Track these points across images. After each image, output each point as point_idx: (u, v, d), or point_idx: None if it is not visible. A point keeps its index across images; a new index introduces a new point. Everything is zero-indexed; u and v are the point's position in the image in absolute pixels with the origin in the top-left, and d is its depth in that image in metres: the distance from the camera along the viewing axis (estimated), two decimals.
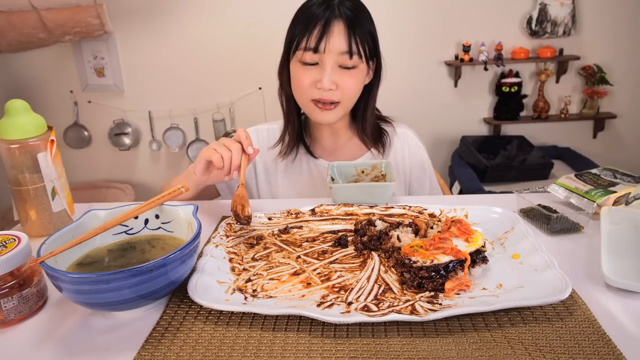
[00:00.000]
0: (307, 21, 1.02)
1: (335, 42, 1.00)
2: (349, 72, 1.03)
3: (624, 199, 0.85)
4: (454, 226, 0.69)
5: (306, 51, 1.01)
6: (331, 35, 0.99)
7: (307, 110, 1.10)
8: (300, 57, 1.03)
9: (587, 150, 2.72)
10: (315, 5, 1.03)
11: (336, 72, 1.02)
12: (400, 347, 0.54)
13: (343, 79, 1.03)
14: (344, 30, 1.00)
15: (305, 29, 1.01)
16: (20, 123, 0.80)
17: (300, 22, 1.04)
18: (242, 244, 0.78)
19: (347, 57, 1.01)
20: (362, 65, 1.04)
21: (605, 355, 0.52)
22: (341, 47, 1.00)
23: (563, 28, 2.56)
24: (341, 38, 1.00)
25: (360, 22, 1.02)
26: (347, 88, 1.04)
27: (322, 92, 1.03)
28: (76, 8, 2.17)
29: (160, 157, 2.86)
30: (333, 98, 1.04)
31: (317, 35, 1.00)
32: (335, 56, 1.01)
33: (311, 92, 1.04)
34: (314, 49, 1.00)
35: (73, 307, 0.63)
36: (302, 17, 1.04)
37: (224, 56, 2.63)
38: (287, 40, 1.08)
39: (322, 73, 1.01)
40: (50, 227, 0.85)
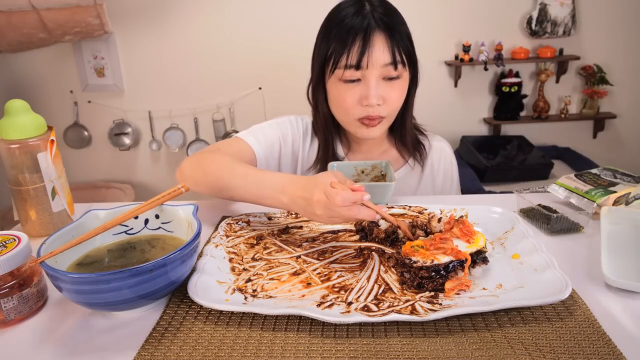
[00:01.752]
0: (343, 36, 0.94)
1: (378, 55, 0.93)
2: (394, 83, 0.97)
3: (624, 199, 0.85)
4: (457, 226, 0.69)
5: (347, 69, 0.94)
6: (373, 49, 0.93)
7: (351, 128, 1.03)
8: (340, 75, 0.96)
9: (587, 150, 2.72)
10: (347, 15, 0.95)
11: (381, 86, 0.96)
12: (400, 347, 0.54)
13: (389, 92, 0.97)
14: (385, 40, 0.93)
15: (342, 44, 0.94)
16: (20, 123, 0.80)
17: (334, 37, 0.95)
18: (242, 244, 0.78)
19: (391, 68, 0.94)
20: (406, 73, 0.99)
21: (605, 355, 0.52)
22: (385, 60, 0.94)
23: (563, 28, 2.56)
24: (384, 50, 0.93)
25: (397, 26, 0.95)
26: (393, 101, 0.98)
27: (368, 109, 0.97)
28: (76, 8, 2.17)
29: (160, 157, 2.86)
30: (381, 113, 0.98)
31: (357, 50, 0.92)
32: (379, 69, 0.94)
33: (356, 110, 0.98)
34: (356, 65, 0.93)
35: (73, 307, 0.63)
36: (335, 31, 0.96)
37: (224, 56, 2.63)
38: (321, 56, 0.99)
39: (367, 89, 0.95)
40: (50, 227, 0.85)
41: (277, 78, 2.58)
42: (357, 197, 0.70)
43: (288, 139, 1.10)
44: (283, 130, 1.10)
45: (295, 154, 1.11)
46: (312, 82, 1.05)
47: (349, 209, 0.70)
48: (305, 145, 1.12)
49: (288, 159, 1.11)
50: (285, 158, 1.10)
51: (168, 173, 2.86)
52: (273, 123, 1.10)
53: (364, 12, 0.94)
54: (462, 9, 2.57)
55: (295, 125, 1.11)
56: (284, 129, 1.10)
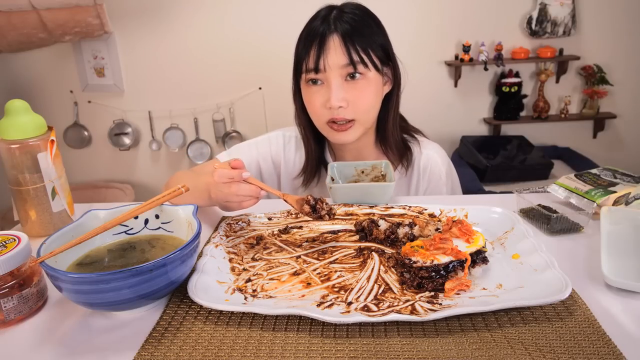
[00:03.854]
0: (305, 40, 1.00)
1: (332, 57, 0.96)
2: (357, 84, 0.99)
3: (624, 199, 0.85)
4: (455, 227, 0.69)
5: (309, 72, 0.99)
6: (328, 51, 0.97)
7: (324, 132, 1.06)
8: (305, 79, 1.01)
9: (587, 150, 2.72)
10: (315, 21, 1.00)
11: (343, 88, 0.98)
12: (400, 347, 0.54)
13: (352, 93, 0.99)
14: (340, 43, 0.96)
15: (304, 49, 1.00)
16: (20, 123, 0.80)
17: (300, 41, 1.02)
18: (242, 244, 0.78)
19: (350, 68, 0.97)
20: (372, 74, 0.99)
21: (605, 355, 0.52)
22: (340, 61, 0.97)
23: (563, 28, 2.56)
24: (338, 52, 0.96)
25: (360, 31, 0.98)
26: (358, 102, 0.99)
27: (332, 111, 0.99)
28: (76, 8, 2.17)
29: (160, 157, 2.86)
30: (346, 116, 0.99)
31: (314, 54, 0.97)
32: (338, 71, 0.97)
33: (323, 114, 1.01)
34: (314, 69, 0.98)
35: (73, 307, 0.63)
36: (302, 36, 1.02)
37: (224, 56, 2.63)
38: (294, 62, 1.05)
39: (329, 91, 0.98)
40: (50, 227, 0.85)
41: (277, 78, 2.57)
42: (234, 173, 0.78)
43: (267, 157, 1.16)
44: (261, 149, 1.15)
45: (277, 168, 1.17)
46: (292, 88, 1.09)
47: (229, 185, 0.78)
48: (288, 157, 1.17)
49: (272, 173, 1.17)
50: (268, 173, 1.16)
51: (168, 173, 2.86)
52: (252, 143, 1.16)
53: (328, 18, 0.99)
54: (462, 9, 2.57)
55: (275, 142, 1.16)
56: (262, 148, 1.15)
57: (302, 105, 1.07)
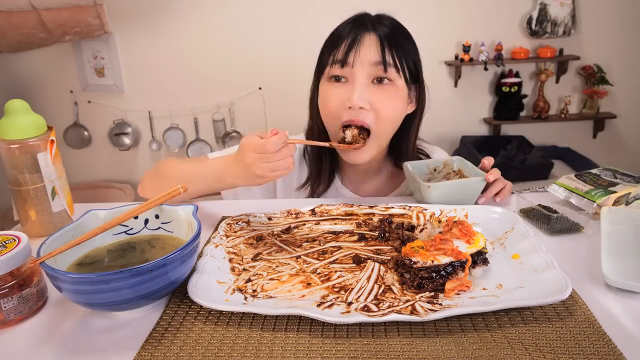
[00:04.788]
0: (336, 38, 0.93)
1: (365, 52, 0.89)
2: (385, 88, 0.91)
3: (624, 199, 0.85)
4: (456, 227, 0.69)
5: (334, 65, 0.91)
6: (361, 46, 0.90)
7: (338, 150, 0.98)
8: (327, 73, 0.93)
9: (587, 150, 2.72)
10: (346, 23, 0.95)
11: (369, 89, 0.91)
12: (400, 347, 0.54)
13: (377, 97, 0.90)
14: (376, 41, 0.90)
15: (334, 43, 0.93)
16: (20, 123, 0.80)
17: (328, 41, 0.95)
18: (242, 244, 0.78)
19: (381, 68, 0.90)
20: (401, 83, 0.93)
21: (605, 355, 0.52)
22: (372, 57, 0.89)
23: (563, 28, 2.56)
24: (372, 48, 0.90)
25: (398, 40, 0.92)
26: (382, 108, 0.91)
27: (351, 112, 0.90)
28: (76, 8, 2.17)
29: (160, 157, 2.86)
30: (365, 120, 0.90)
31: (345, 47, 0.90)
32: (368, 68, 0.90)
33: (339, 114, 0.92)
34: (342, 60, 0.90)
35: (73, 307, 0.63)
36: (333, 35, 0.95)
37: (224, 56, 2.63)
38: (317, 65, 0.98)
39: (352, 88, 0.90)
40: (50, 227, 0.85)
41: (277, 78, 2.58)
42: (282, 137, 0.75)
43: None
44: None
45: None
46: (310, 92, 1.02)
47: (281, 152, 0.75)
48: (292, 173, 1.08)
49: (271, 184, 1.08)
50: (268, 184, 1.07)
51: None
52: None
53: (365, 21, 0.94)
54: (462, 9, 2.57)
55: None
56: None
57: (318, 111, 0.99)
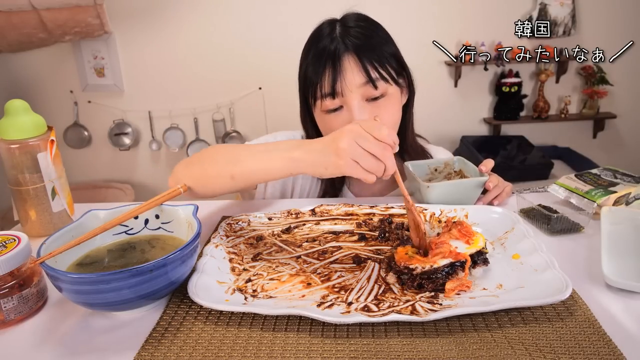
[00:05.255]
0: (314, 64, 0.92)
1: (350, 78, 0.89)
2: (380, 103, 0.92)
3: (624, 199, 0.84)
4: (455, 228, 0.69)
5: (325, 98, 0.91)
6: (344, 74, 0.89)
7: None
8: (321, 106, 0.93)
9: (587, 150, 2.72)
10: (320, 40, 0.93)
11: (366, 109, 0.91)
12: (401, 347, 0.54)
13: (376, 112, 0.91)
14: (355, 61, 0.89)
15: (315, 73, 0.91)
16: (20, 123, 0.80)
17: (309, 64, 0.94)
18: (242, 244, 0.78)
19: (370, 87, 0.90)
20: (393, 88, 0.93)
21: (605, 355, 0.52)
22: (358, 80, 0.89)
23: (563, 28, 2.56)
24: (355, 71, 0.89)
25: (372, 45, 0.91)
26: (384, 121, 0.91)
27: None
28: (76, 8, 2.17)
29: (160, 157, 2.86)
30: None
31: (329, 78, 0.90)
32: (358, 91, 0.90)
33: None
34: (331, 94, 0.90)
35: (73, 307, 0.63)
36: (309, 58, 0.94)
37: (224, 56, 2.63)
38: (301, 81, 0.97)
39: (351, 115, 0.90)
40: (50, 227, 0.85)
41: (277, 78, 2.57)
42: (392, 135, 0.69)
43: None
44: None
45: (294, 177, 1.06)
46: (301, 110, 1.02)
47: (384, 147, 0.68)
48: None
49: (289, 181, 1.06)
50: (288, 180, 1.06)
51: (168, 173, 2.84)
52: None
53: (333, 36, 0.92)
54: (462, 9, 2.57)
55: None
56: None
57: (316, 130, 0.99)
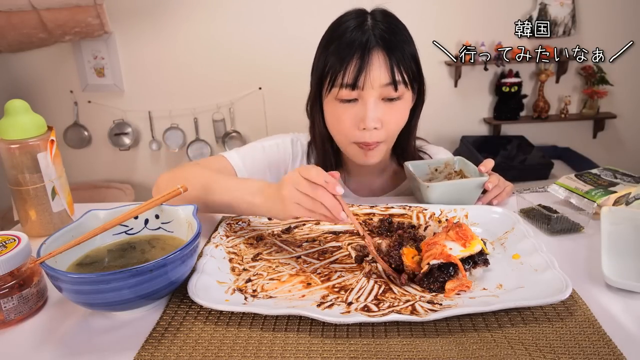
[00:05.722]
0: (340, 52, 0.88)
1: (375, 75, 0.87)
2: (394, 105, 0.91)
3: (624, 199, 0.85)
4: (453, 230, 0.68)
5: (343, 88, 0.88)
6: (371, 68, 0.86)
7: (348, 152, 0.97)
8: (336, 94, 0.90)
9: (587, 150, 2.72)
10: (347, 29, 0.89)
11: (380, 108, 0.90)
12: (401, 347, 0.54)
13: (388, 115, 0.90)
14: (385, 59, 0.87)
15: (340, 62, 0.88)
16: (20, 123, 0.80)
17: (333, 52, 0.90)
18: (242, 244, 0.78)
19: (391, 88, 0.88)
20: (409, 93, 0.92)
21: (605, 355, 0.52)
22: (383, 80, 0.87)
23: (563, 28, 2.56)
24: (382, 69, 0.87)
25: (400, 44, 0.89)
26: (392, 124, 0.92)
27: (365, 133, 0.90)
28: (76, 8, 2.17)
29: (160, 157, 2.86)
30: (379, 139, 0.91)
31: (354, 69, 0.87)
32: (378, 90, 0.88)
33: (352, 134, 0.91)
34: (352, 85, 0.87)
35: (73, 307, 0.63)
36: (334, 45, 0.90)
37: (224, 56, 2.62)
38: (318, 71, 0.93)
39: (365, 111, 0.88)
40: (50, 227, 0.85)
41: (277, 78, 2.58)
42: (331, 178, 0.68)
43: (273, 166, 1.06)
44: (270, 156, 1.05)
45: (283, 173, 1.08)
46: (310, 98, 0.99)
47: (314, 187, 0.67)
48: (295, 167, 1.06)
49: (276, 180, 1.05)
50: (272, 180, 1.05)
51: None
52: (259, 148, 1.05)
53: (365, 28, 0.88)
54: (462, 9, 2.57)
55: (283, 150, 1.07)
56: (271, 155, 1.06)
57: (321, 117, 0.98)
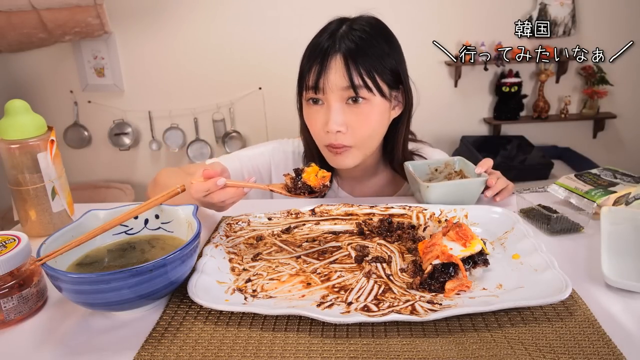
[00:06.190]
0: (309, 56, 0.94)
1: (333, 78, 0.90)
2: (359, 108, 0.92)
3: (624, 199, 0.85)
4: (453, 230, 0.68)
5: (309, 90, 0.94)
6: (329, 72, 0.90)
7: (324, 155, 1.00)
8: (305, 97, 0.96)
9: (587, 150, 2.72)
10: (322, 35, 0.94)
11: (344, 111, 0.92)
12: (400, 347, 0.54)
13: (353, 118, 0.92)
14: (342, 64, 0.90)
15: (307, 64, 0.94)
16: (20, 123, 0.80)
17: (304, 57, 0.96)
18: (242, 244, 0.78)
19: (351, 92, 0.91)
20: (377, 99, 0.93)
21: (605, 355, 0.52)
22: (340, 83, 0.90)
23: (563, 28, 2.56)
24: (339, 73, 0.90)
25: (366, 52, 0.91)
26: (358, 128, 0.93)
27: (330, 136, 0.93)
28: (76, 8, 2.17)
29: (160, 157, 2.86)
30: (345, 142, 0.93)
31: (315, 72, 0.92)
32: (339, 93, 0.91)
33: (321, 137, 0.96)
34: (314, 87, 0.92)
35: (73, 307, 0.63)
36: (307, 50, 0.96)
37: (224, 56, 2.63)
38: (298, 76, 0.99)
39: (328, 114, 0.92)
40: (50, 227, 0.85)
41: (277, 78, 2.57)
42: (209, 185, 0.74)
43: (258, 173, 1.10)
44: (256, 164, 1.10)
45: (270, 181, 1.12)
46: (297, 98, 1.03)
47: (210, 197, 0.75)
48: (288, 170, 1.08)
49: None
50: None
51: None
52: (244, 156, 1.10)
53: (335, 34, 0.92)
54: (462, 9, 2.57)
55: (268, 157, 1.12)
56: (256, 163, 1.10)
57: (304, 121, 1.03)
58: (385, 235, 0.80)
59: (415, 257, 0.72)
